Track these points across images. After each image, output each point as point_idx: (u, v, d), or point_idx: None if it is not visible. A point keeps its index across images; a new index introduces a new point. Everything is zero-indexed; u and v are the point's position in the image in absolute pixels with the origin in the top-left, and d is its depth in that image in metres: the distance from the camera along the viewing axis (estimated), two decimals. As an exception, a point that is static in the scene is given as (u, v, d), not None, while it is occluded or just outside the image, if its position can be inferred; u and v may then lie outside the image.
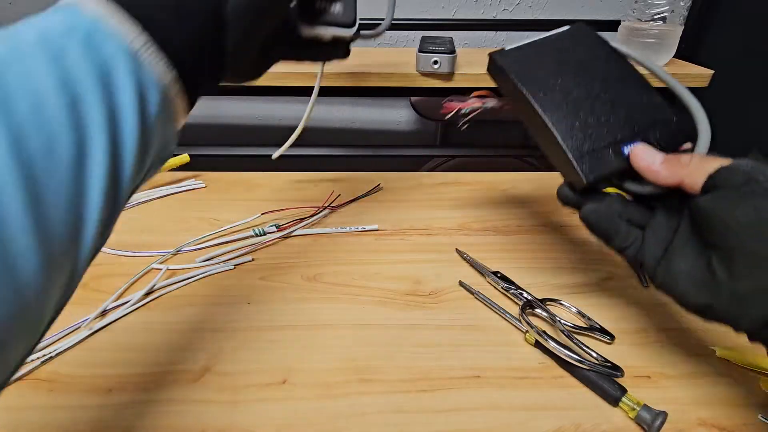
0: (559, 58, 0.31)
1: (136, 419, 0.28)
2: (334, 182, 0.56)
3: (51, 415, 0.28)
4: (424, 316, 0.36)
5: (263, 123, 1.08)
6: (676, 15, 0.60)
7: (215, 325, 0.35)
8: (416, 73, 0.60)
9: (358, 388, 0.30)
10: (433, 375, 0.31)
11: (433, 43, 0.62)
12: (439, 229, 0.47)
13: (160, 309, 0.37)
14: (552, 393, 0.30)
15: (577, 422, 0.28)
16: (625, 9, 0.66)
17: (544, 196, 0.54)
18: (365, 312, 0.36)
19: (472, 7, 0.95)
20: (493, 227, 0.48)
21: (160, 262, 0.41)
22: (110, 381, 0.30)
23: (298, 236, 0.46)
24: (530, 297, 0.36)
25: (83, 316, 0.35)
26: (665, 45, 0.62)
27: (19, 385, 0.30)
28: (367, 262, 0.42)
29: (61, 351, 0.32)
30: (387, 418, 0.28)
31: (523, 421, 0.28)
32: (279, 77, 0.60)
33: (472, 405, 0.29)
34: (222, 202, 0.52)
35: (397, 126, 1.10)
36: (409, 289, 0.39)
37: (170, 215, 0.49)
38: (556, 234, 0.47)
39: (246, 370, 0.31)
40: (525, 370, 0.32)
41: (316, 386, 0.30)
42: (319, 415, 0.28)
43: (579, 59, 0.31)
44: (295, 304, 0.37)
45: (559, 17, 0.96)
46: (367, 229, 0.47)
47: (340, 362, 0.32)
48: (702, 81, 0.63)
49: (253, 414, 0.28)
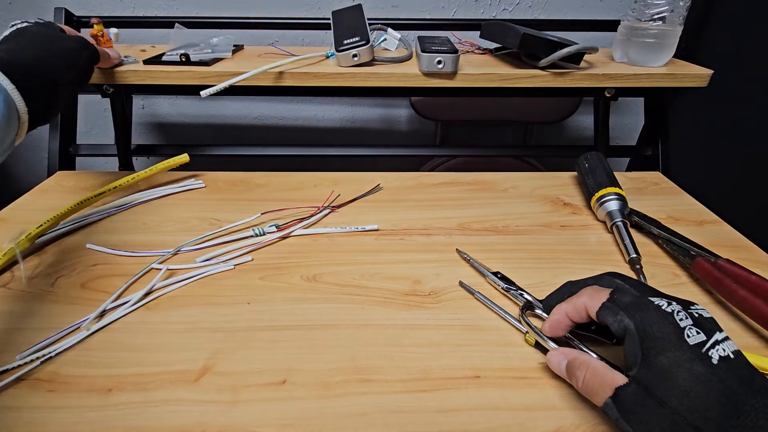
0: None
1: (136, 419, 0.28)
2: (334, 182, 0.56)
3: (51, 415, 0.28)
4: (424, 316, 0.36)
5: (263, 123, 1.08)
6: (675, 15, 0.60)
7: (215, 325, 0.35)
8: (417, 73, 0.60)
9: (358, 388, 0.30)
10: (433, 375, 0.31)
11: (433, 43, 0.62)
12: (438, 229, 0.47)
13: (159, 309, 0.37)
14: (552, 393, 0.30)
15: (577, 422, 0.28)
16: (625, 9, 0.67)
17: (544, 196, 0.54)
18: (365, 312, 0.36)
19: (472, 6, 0.95)
20: (493, 227, 0.48)
21: (159, 262, 0.41)
22: (110, 381, 0.30)
23: (298, 236, 0.46)
24: (530, 297, 0.36)
25: (83, 316, 0.35)
26: (665, 45, 0.62)
27: (18, 385, 0.30)
28: (367, 262, 0.42)
29: (61, 351, 0.32)
30: (387, 418, 0.28)
31: (523, 421, 0.28)
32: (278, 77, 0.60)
33: (472, 405, 0.29)
34: (222, 202, 0.52)
35: (397, 126, 1.10)
36: (409, 289, 0.39)
37: (170, 215, 0.49)
38: (556, 234, 0.47)
39: (246, 370, 0.31)
40: (525, 370, 0.32)
41: (316, 386, 0.30)
42: (319, 415, 0.28)
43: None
44: (295, 304, 0.37)
45: (559, 17, 0.96)
46: (367, 229, 0.47)
47: (340, 362, 0.32)
48: (702, 81, 0.63)
49: (253, 414, 0.28)
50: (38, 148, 1.09)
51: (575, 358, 0.28)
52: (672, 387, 0.23)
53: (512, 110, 0.99)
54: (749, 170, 0.75)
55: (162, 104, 1.05)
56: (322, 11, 0.93)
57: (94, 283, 0.39)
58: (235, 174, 0.58)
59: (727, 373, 0.23)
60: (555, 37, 0.60)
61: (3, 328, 0.34)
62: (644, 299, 0.27)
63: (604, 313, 0.28)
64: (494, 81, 0.61)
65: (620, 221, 0.45)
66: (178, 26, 0.70)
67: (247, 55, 0.69)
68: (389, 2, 0.94)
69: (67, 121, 0.74)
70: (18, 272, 0.40)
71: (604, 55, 0.70)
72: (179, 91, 0.79)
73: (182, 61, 0.61)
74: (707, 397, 0.22)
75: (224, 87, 0.54)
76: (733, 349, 0.24)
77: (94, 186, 0.49)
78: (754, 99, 0.74)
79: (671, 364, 0.23)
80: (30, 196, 0.53)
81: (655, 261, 0.43)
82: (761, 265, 0.42)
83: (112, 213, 0.49)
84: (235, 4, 0.93)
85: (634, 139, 0.95)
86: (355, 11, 0.66)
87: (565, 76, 0.61)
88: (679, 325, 0.24)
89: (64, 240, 0.45)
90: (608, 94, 0.70)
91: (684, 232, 0.44)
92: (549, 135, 1.13)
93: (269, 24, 0.78)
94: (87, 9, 0.91)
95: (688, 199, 0.55)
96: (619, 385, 0.25)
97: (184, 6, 0.93)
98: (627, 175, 0.60)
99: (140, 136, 1.08)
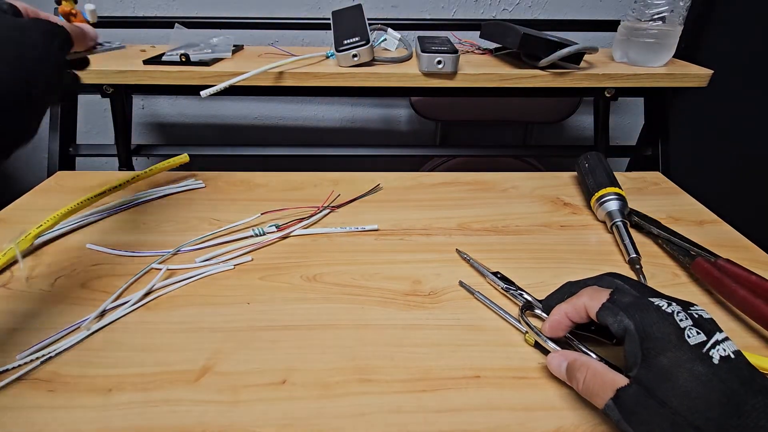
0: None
1: (136, 419, 0.28)
2: (334, 182, 0.56)
3: (51, 415, 0.28)
4: (424, 316, 0.36)
5: (263, 123, 1.08)
6: (675, 15, 0.60)
7: (215, 325, 0.35)
8: (417, 73, 0.60)
9: (358, 388, 0.30)
10: (433, 375, 0.31)
11: (433, 43, 0.62)
12: (438, 229, 0.47)
13: (159, 309, 0.37)
14: (552, 393, 0.30)
15: (577, 422, 0.28)
16: (625, 9, 0.67)
17: (544, 196, 0.54)
18: (365, 312, 0.36)
19: (472, 6, 0.95)
20: (493, 227, 0.48)
21: (159, 262, 0.41)
22: (110, 381, 0.30)
23: (298, 236, 0.46)
24: (530, 298, 0.36)
25: (83, 316, 0.35)
26: (665, 45, 0.62)
27: (19, 385, 0.30)
28: (367, 262, 0.42)
29: (61, 351, 0.32)
30: (387, 418, 0.28)
31: (523, 421, 0.28)
32: (278, 77, 0.60)
33: (472, 405, 0.29)
34: (222, 202, 0.52)
35: (397, 126, 1.10)
36: (409, 289, 0.39)
37: (170, 215, 0.49)
38: (556, 234, 0.47)
39: (246, 370, 0.31)
40: (525, 370, 0.32)
41: (316, 386, 0.30)
42: (319, 415, 0.28)
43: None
44: (295, 304, 0.37)
45: (559, 17, 0.96)
46: (367, 229, 0.47)
47: (340, 362, 0.32)
48: (702, 81, 0.63)
49: (253, 414, 0.28)
50: (38, 148, 1.09)
51: (575, 359, 0.28)
52: (672, 387, 0.23)
53: (512, 110, 0.99)
54: (749, 170, 0.75)
55: (162, 104, 1.05)
56: (322, 11, 0.94)
57: (94, 283, 0.39)
58: (235, 174, 0.58)
59: (728, 373, 0.23)
60: (555, 37, 0.60)
61: (3, 328, 0.34)
62: (644, 300, 0.27)
63: (604, 313, 0.28)
64: (494, 81, 0.61)
65: (620, 221, 0.45)
66: (178, 26, 0.70)
67: (247, 55, 0.69)
68: (389, 2, 0.94)
69: (67, 121, 0.74)
70: (18, 272, 0.40)
71: (604, 55, 0.70)
72: (179, 91, 0.79)
73: (182, 61, 0.61)
74: (708, 397, 0.22)
75: (224, 87, 0.54)
76: (734, 349, 0.24)
77: (94, 186, 0.49)
78: (754, 99, 0.74)
79: (672, 364, 0.23)
80: (30, 196, 0.53)
81: (655, 261, 0.43)
82: (761, 265, 0.42)
83: (112, 213, 0.49)
84: (235, 4, 0.93)
85: (634, 139, 0.95)
86: (355, 11, 0.67)
87: (565, 76, 0.61)
88: (679, 326, 0.25)
89: (64, 240, 0.45)
90: (608, 94, 0.70)
91: (684, 232, 0.44)
92: (549, 135, 1.13)
93: (269, 24, 0.78)
94: (87, 9, 0.90)
95: (688, 199, 0.55)
96: (620, 386, 0.25)
97: (184, 6, 0.93)
98: (627, 175, 0.60)
99: (140, 136, 1.08)
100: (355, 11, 0.67)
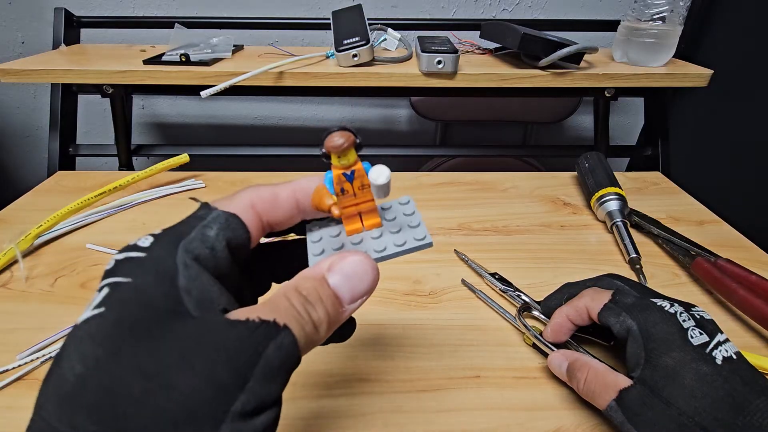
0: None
1: (136, 419, 0.28)
2: (334, 182, 0.56)
3: (51, 415, 0.28)
4: (424, 315, 0.36)
5: (263, 123, 1.08)
6: (675, 15, 0.60)
7: (215, 325, 0.35)
8: (417, 73, 0.60)
9: (358, 388, 0.30)
10: (433, 375, 0.31)
11: (433, 43, 0.62)
12: (438, 229, 0.47)
13: (159, 309, 0.36)
14: (552, 393, 0.30)
15: (577, 422, 0.28)
16: (625, 9, 0.67)
17: (544, 196, 0.54)
18: (365, 312, 0.36)
19: (472, 6, 0.95)
20: (493, 227, 0.48)
21: (159, 262, 0.41)
22: (110, 381, 0.30)
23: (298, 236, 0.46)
24: (527, 299, 0.36)
25: (83, 316, 0.35)
26: (665, 45, 0.62)
27: (19, 385, 0.30)
28: (367, 262, 0.42)
29: (61, 351, 0.32)
30: (387, 418, 0.28)
31: (523, 421, 0.28)
32: (278, 78, 0.60)
33: (472, 405, 0.29)
34: (222, 202, 0.52)
35: (397, 126, 1.10)
36: (409, 289, 0.39)
37: (170, 215, 0.49)
38: (556, 234, 0.47)
39: (246, 370, 0.31)
40: (525, 370, 0.32)
41: (316, 386, 0.30)
42: (319, 415, 0.28)
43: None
44: (295, 304, 0.37)
45: (559, 17, 0.96)
46: (367, 229, 0.47)
47: (340, 362, 0.32)
48: (702, 81, 0.63)
49: (253, 414, 0.28)
50: (38, 148, 1.09)
51: (576, 359, 0.28)
52: (678, 387, 0.23)
53: (512, 110, 0.99)
54: (749, 170, 0.75)
55: (162, 104, 1.05)
56: (322, 11, 0.94)
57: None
58: (235, 174, 0.58)
59: (731, 374, 0.23)
60: (555, 37, 0.60)
61: (3, 328, 0.34)
62: (646, 300, 0.27)
63: (606, 314, 0.28)
64: (494, 81, 0.61)
65: (620, 221, 0.45)
66: (178, 26, 0.70)
67: (247, 55, 0.69)
68: (389, 2, 0.94)
69: (67, 121, 0.74)
70: (18, 272, 0.40)
71: (604, 55, 0.70)
72: (179, 91, 0.78)
73: (182, 61, 0.61)
74: (714, 397, 0.22)
75: (224, 87, 0.54)
76: (735, 350, 0.24)
77: (94, 186, 0.49)
78: (754, 99, 0.74)
79: (676, 364, 0.23)
80: (30, 196, 0.53)
81: (655, 261, 0.43)
82: (761, 265, 0.42)
83: (112, 213, 0.49)
84: (235, 4, 0.93)
85: (634, 139, 0.95)
86: (355, 11, 0.67)
87: (565, 76, 0.61)
88: (682, 326, 0.24)
89: (64, 240, 0.45)
90: (608, 94, 0.70)
91: (684, 232, 0.44)
92: (549, 135, 1.13)
93: (269, 24, 0.78)
94: (87, 9, 0.91)
95: (688, 199, 0.55)
96: (623, 387, 0.25)
97: (184, 6, 0.93)
98: (627, 175, 0.60)
99: (140, 136, 1.08)
100: (355, 11, 0.67)
